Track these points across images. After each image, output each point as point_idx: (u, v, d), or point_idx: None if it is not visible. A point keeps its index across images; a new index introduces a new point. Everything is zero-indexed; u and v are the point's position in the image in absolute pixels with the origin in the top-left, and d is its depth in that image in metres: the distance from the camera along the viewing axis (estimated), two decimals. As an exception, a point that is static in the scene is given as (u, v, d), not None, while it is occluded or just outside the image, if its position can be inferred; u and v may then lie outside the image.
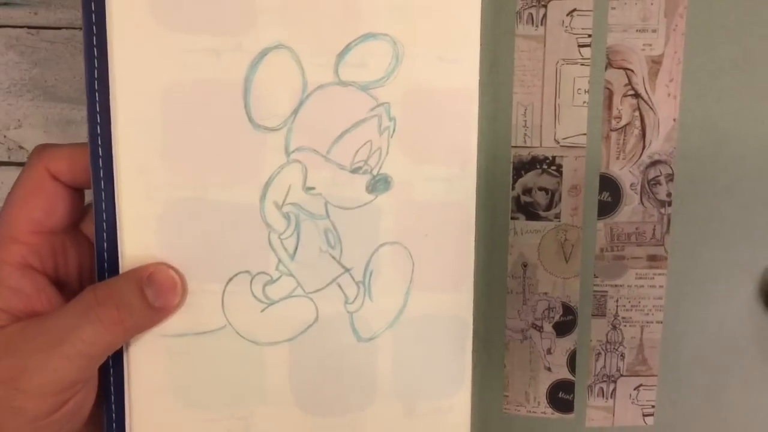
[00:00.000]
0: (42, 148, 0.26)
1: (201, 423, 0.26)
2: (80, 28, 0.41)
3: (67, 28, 0.47)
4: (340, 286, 0.26)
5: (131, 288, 0.25)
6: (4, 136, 0.47)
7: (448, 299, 0.27)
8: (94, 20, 0.24)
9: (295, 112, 0.25)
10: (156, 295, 0.25)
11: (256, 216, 0.25)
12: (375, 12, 0.25)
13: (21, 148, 0.47)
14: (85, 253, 0.27)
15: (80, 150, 0.26)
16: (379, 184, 0.26)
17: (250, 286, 0.26)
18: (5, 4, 0.46)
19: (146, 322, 0.26)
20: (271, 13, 0.24)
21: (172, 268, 0.26)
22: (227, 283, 0.26)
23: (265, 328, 0.26)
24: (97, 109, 0.24)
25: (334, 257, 0.26)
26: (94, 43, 0.24)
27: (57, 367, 0.24)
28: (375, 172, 0.26)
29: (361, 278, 0.27)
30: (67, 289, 0.27)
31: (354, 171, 0.26)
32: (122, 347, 0.26)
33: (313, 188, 0.26)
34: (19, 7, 0.47)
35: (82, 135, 0.43)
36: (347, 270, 0.26)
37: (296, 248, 0.26)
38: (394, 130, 0.26)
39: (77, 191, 0.27)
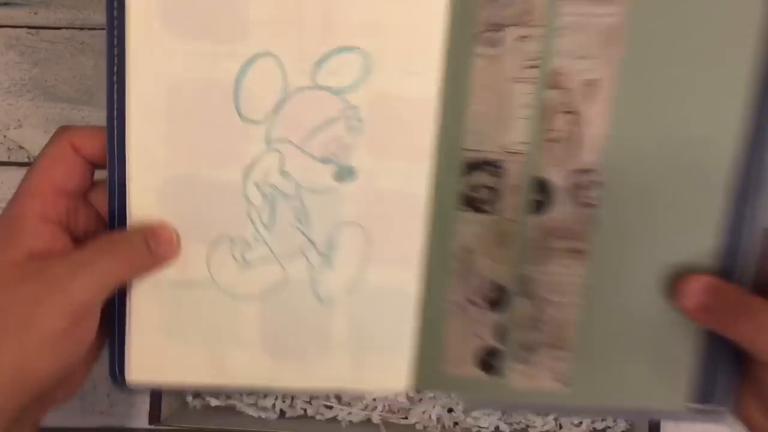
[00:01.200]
0: (67, 127, 0.31)
1: (184, 357, 0.32)
2: (80, 29, 0.47)
3: (67, 28, 0.47)
4: (305, 256, 0.31)
5: (139, 237, 0.30)
6: (4, 136, 0.47)
7: (398, 274, 0.32)
8: (115, 25, 0.28)
9: (277, 109, 0.29)
10: (157, 245, 0.30)
11: (239, 192, 0.30)
12: (350, 28, 0.29)
13: (21, 148, 0.47)
14: (92, 218, 0.31)
15: (99, 131, 0.30)
16: (345, 173, 0.31)
17: (230, 248, 0.31)
18: (5, 4, 0.47)
19: (148, 265, 0.30)
20: (261, 25, 0.29)
21: (171, 227, 0.31)
22: (212, 245, 0.31)
23: (240, 284, 0.31)
24: (115, 99, 0.29)
25: (302, 231, 0.31)
26: (115, 44, 0.28)
27: (75, 290, 0.28)
28: (342, 164, 0.31)
29: (324, 251, 0.31)
30: (76, 245, 0.31)
31: (324, 161, 0.30)
32: (126, 290, 0.31)
33: (287, 173, 0.30)
34: (19, 7, 0.47)
35: None
36: (312, 243, 0.31)
37: (271, 221, 0.31)
38: (362, 130, 0.30)
39: (91, 165, 0.31)
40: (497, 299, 0.33)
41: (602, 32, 0.29)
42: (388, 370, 0.34)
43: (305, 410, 0.47)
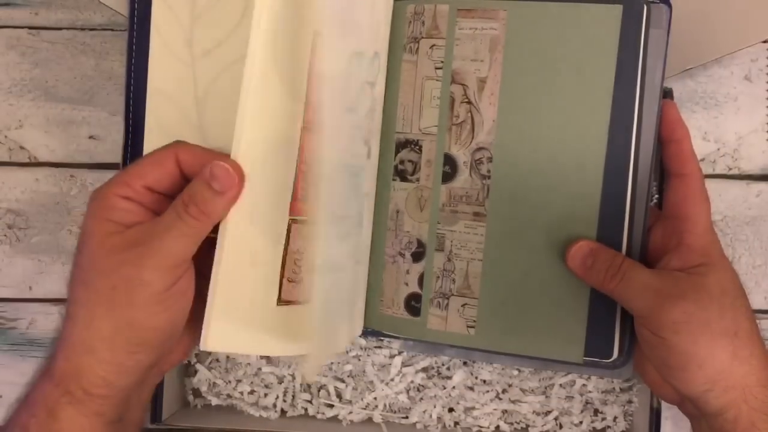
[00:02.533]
0: (182, 141, 0.33)
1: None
2: (81, 29, 0.46)
3: (67, 28, 0.47)
4: (357, 227, 0.38)
5: (201, 184, 0.31)
6: (5, 136, 0.46)
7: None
8: (135, 30, 0.36)
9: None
10: (218, 182, 0.31)
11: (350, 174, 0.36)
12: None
13: (22, 148, 0.46)
14: None
15: (206, 152, 0.33)
16: (369, 152, 0.39)
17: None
18: (6, 4, 0.46)
19: (219, 205, 0.31)
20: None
21: (223, 158, 0.32)
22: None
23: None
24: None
25: (355, 204, 0.38)
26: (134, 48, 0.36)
27: (170, 246, 0.31)
28: (369, 144, 0.39)
29: (360, 220, 0.38)
30: None
31: (366, 143, 0.38)
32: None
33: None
34: (20, 7, 0.46)
35: (82, 134, 0.47)
36: (359, 214, 0.38)
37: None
38: (374, 118, 0.40)
39: (184, 177, 0.33)
40: (419, 253, 0.40)
41: (488, 41, 0.38)
42: (360, 319, 0.41)
43: (306, 409, 0.46)
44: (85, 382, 0.31)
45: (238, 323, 0.33)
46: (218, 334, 0.32)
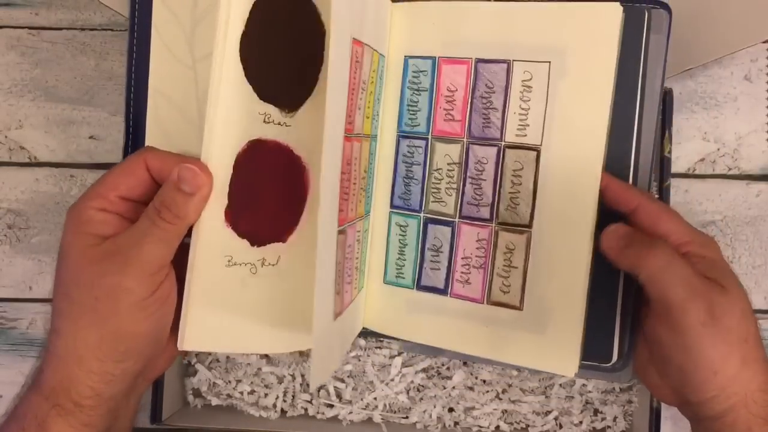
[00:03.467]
0: (150, 148, 0.34)
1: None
2: (81, 29, 0.46)
3: (68, 28, 0.47)
4: None
5: (170, 189, 0.32)
6: (5, 137, 0.47)
7: None
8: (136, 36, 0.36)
9: None
10: (187, 183, 0.32)
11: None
12: None
13: (22, 148, 0.46)
14: None
15: (175, 157, 0.33)
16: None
17: None
18: (6, 4, 0.46)
19: (191, 206, 0.32)
20: None
21: (190, 161, 0.32)
22: None
23: None
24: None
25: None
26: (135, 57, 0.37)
27: (148, 252, 0.31)
28: None
29: None
30: None
31: None
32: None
33: None
34: (20, 7, 0.46)
35: (82, 134, 0.47)
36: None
37: None
38: None
39: (156, 182, 0.33)
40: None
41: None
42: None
43: (306, 409, 0.46)
44: (74, 394, 0.31)
45: (215, 321, 0.34)
46: (195, 333, 0.33)
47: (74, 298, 0.31)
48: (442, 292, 0.39)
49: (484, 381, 0.46)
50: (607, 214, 0.36)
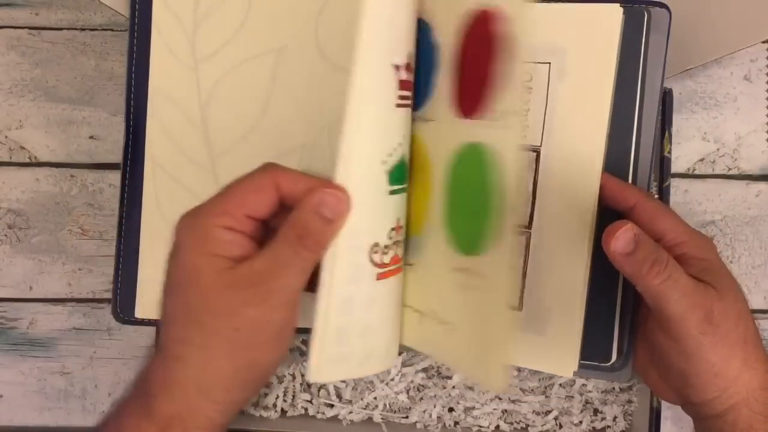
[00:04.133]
0: (277, 165, 0.32)
1: None
2: (81, 29, 0.46)
3: (68, 29, 0.47)
4: None
5: (310, 214, 0.30)
6: (6, 137, 0.46)
7: None
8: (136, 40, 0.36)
9: None
10: (329, 209, 0.30)
11: None
12: None
13: (22, 148, 0.46)
14: (270, 237, 0.31)
15: (304, 177, 0.31)
16: None
17: None
18: (6, 4, 0.46)
19: (329, 232, 0.30)
20: None
21: (329, 185, 0.30)
22: None
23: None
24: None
25: None
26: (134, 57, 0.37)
27: (291, 283, 0.30)
28: None
29: None
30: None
31: None
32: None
33: None
34: (20, 7, 0.46)
35: (83, 135, 0.47)
36: None
37: None
38: None
39: (281, 202, 0.31)
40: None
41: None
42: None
43: (306, 409, 0.46)
44: (190, 424, 0.30)
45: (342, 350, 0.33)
46: (327, 364, 0.32)
47: (209, 326, 0.30)
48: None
49: (484, 381, 0.46)
50: (607, 214, 0.36)
